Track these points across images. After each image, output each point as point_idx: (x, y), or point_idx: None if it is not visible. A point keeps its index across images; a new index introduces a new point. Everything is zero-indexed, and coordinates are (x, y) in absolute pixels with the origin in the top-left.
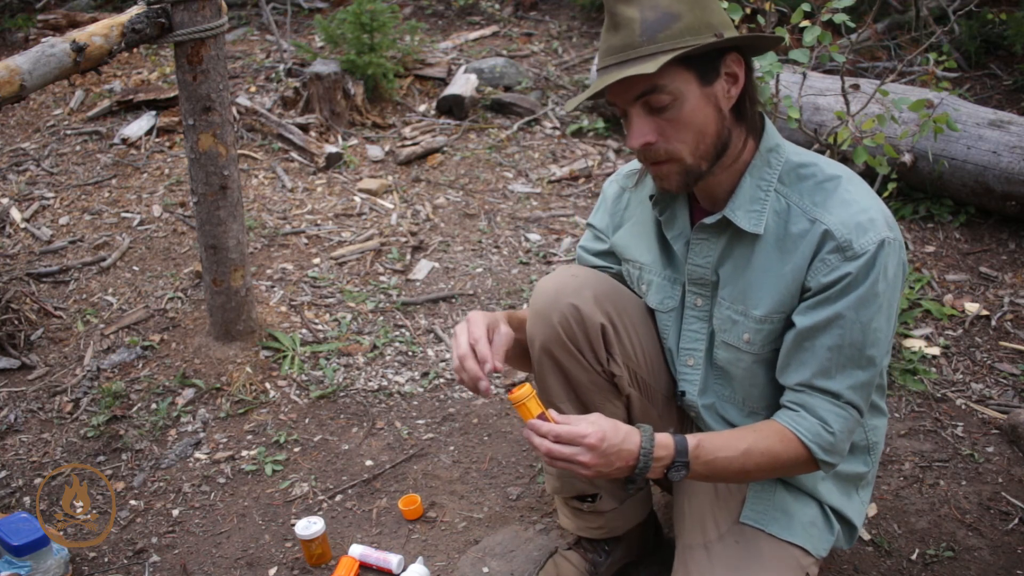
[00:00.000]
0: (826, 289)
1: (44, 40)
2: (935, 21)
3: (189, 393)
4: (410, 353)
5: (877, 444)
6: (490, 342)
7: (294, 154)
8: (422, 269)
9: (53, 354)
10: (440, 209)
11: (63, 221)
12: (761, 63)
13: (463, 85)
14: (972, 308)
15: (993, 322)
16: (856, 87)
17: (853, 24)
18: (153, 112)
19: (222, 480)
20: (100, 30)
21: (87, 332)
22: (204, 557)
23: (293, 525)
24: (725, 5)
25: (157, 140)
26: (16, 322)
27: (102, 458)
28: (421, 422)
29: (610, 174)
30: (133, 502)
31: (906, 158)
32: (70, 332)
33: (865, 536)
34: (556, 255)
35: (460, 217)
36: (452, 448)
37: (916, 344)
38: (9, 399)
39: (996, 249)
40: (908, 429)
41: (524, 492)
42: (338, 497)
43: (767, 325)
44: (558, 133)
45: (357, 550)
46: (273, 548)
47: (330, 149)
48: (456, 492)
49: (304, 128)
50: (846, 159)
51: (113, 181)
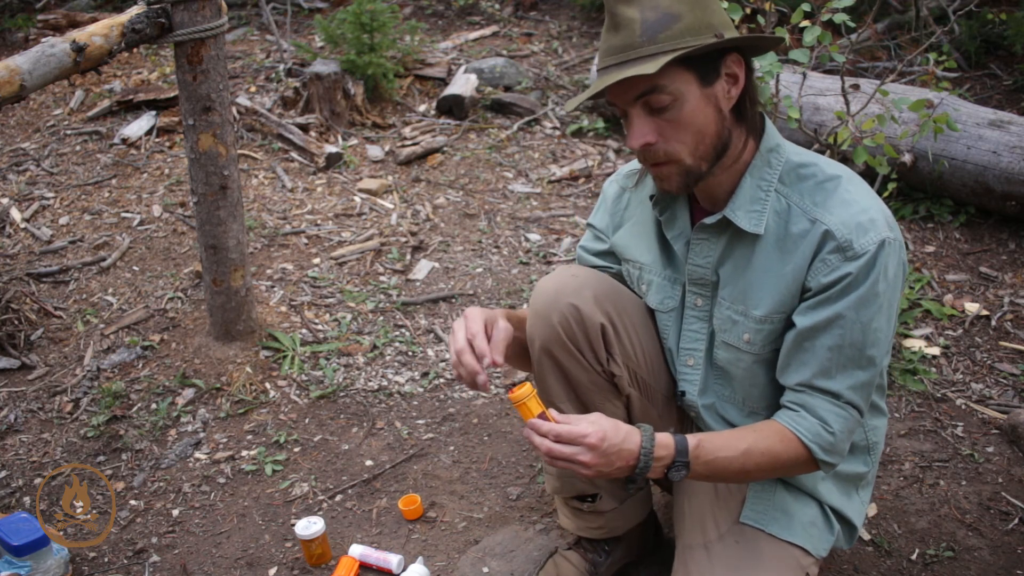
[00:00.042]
0: (826, 289)
1: (44, 40)
2: (935, 21)
3: (189, 393)
4: (410, 353)
5: (877, 444)
6: (488, 338)
7: (294, 154)
8: (422, 269)
9: (53, 354)
10: (440, 209)
11: (63, 221)
12: (761, 63)
13: (463, 85)
14: (972, 308)
15: (993, 322)
16: (856, 87)
17: (853, 24)
18: (153, 112)
19: (222, 480)
20: (100, 30)
21: (87, 332)
22: (204, 557)
23: (293, 525)
24: (725, 5)
25: (157, 140)
26: (16, 322)
27: (102, 458)
28: (421, 422)
29: (610, 174)
30: (133, 502)
31: (906, 158)
32: (70, 332)
33: (865, 536)
34: (556, 255)
35: (460, 217)
36: (452, 448)
37: (916, 344)
38: (9, 399)
39: (996, 249)
40: (908, 429)
41: (524, 492)
42: (338, 497)
43: (767, 325)
44: (558, 133)
45: (357, 550)
46: (273, 548)
47: (330, 149)
48: (456, 492)
49: (304, 128)
50: (846, 159)
51: (113, 181)
